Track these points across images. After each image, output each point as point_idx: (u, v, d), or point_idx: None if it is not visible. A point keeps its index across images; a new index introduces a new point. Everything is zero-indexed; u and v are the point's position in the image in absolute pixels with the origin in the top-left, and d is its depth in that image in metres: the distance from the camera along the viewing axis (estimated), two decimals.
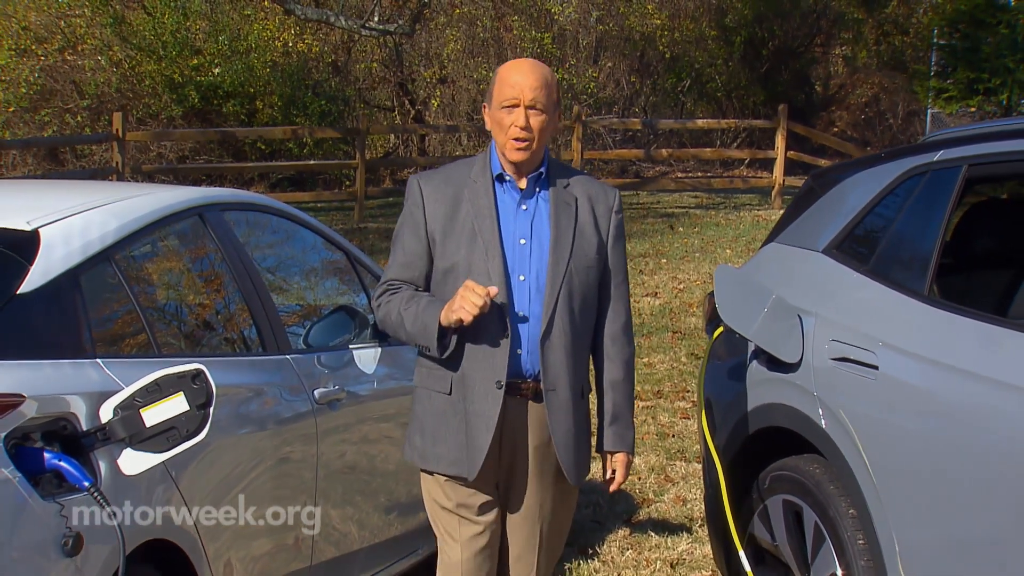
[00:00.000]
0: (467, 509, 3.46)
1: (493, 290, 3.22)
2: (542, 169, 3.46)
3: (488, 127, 3.46)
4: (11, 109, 18.87)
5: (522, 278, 3.39)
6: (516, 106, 3.33)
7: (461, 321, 3.22)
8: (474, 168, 3.48)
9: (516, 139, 3.35)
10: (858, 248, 4.07)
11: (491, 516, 3.50)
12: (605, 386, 3.55)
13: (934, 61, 20.46)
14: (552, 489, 3.53)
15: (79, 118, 19.29)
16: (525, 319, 3.37)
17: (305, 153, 19.64)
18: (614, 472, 3.58)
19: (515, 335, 3.37)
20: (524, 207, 3.44)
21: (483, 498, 3.47)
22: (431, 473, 3.50)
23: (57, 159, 19.37)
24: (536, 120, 3.34)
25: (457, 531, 3.49)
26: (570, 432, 3.44)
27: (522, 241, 3.41)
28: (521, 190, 3.44)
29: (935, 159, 3.85)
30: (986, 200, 4.47)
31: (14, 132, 18.55)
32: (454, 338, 3.32)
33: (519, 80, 3.34)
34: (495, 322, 3.32)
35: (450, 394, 3.41)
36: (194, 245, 4.14)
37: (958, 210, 3.94)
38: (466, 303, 3.19)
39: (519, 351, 3.38)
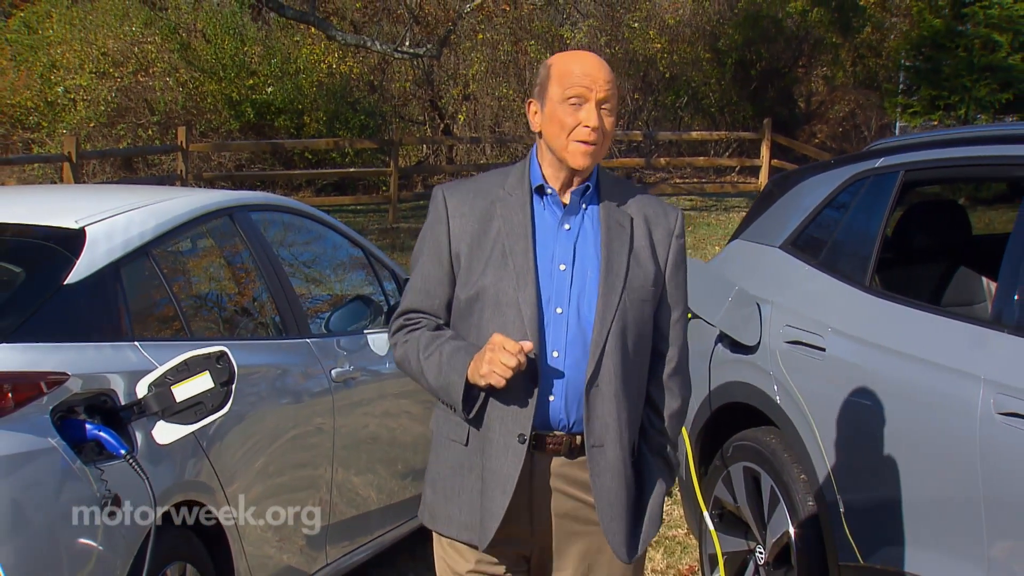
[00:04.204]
0: None
1: (527, 345, 2.36)
2: (590, 183, 2.54)
3: (535, 127, 2.53)
4: (92, 124, 18.99)
5: (559, 311, 2.46)
6: (587, 101, 2.44)
7: (491, 385, 2.38)
8: (510, 179, 2.56)
9: (584, 141, 2.44)
10: (810, 244, 4.06)
11: None
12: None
13: (901, 80, 20.29)
14: (599, 567, 2.56)
15: (150, 132, 19.38)
16: (561, 359, 2.45)
17: (346, 162, 19.64)
18: None
19: (547, 379, 2.45)
20: (567, 226, 2.52)
21: (508, 571, 2.57)
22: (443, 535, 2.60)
23: (131, 168, 19.49)
24: (608, 120, 2.46)
25: None
26: (620, 500, 2.48)
27: (562, 267, 2.48)
28: (564, 206, 2.52)
29: (876, 165, 3.84)
30: (921, 201, 4.45)
31: (94, 144, 18.68)
32: (482, 395, 2.45)
33: (591, 71, 2.44)
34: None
35: (467, 445, 2.52)
36: (224, 242, 4.14)
37: (896, 210, 3.93)
38: (496, 366, 2.33)
39: (551, 397, 2.46)
